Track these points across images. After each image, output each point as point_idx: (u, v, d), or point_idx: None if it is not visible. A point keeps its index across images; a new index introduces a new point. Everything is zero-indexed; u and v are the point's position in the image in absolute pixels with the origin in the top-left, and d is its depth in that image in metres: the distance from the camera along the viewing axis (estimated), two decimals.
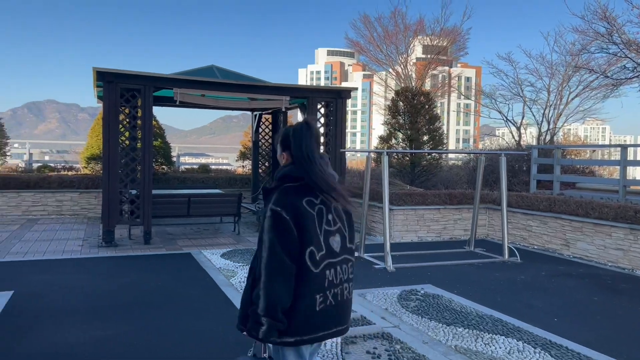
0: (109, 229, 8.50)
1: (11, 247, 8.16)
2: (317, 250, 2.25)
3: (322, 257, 2.26)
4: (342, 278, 2.33)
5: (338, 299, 2.31)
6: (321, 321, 2.28)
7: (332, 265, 2.30)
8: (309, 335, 2.26)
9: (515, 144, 15.76)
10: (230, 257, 7.71)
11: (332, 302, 2.29)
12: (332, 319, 2.31)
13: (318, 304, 2.25)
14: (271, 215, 2.23)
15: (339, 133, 9.84)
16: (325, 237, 2.29)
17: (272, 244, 2.22)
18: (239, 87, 9.23)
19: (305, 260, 2.23)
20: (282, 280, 2.20)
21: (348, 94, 9.94)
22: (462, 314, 5.30)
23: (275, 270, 2.20)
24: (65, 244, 8.58)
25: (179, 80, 8.83)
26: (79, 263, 7.20)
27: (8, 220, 11.35)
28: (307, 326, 2.26)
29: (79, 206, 12.54)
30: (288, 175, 2.33)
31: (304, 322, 2.25)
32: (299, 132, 2.34)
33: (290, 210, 2.22)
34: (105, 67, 8.25)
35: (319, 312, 2.26)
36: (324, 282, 2.27)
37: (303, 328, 2.25)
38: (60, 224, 10.89)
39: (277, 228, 2.22)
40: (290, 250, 2.21)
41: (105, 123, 8.44)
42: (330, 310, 2.29)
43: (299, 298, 2.24)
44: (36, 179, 12.22)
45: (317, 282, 2.25)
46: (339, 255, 2.33)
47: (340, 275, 2.32)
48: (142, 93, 8.56)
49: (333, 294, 2.29)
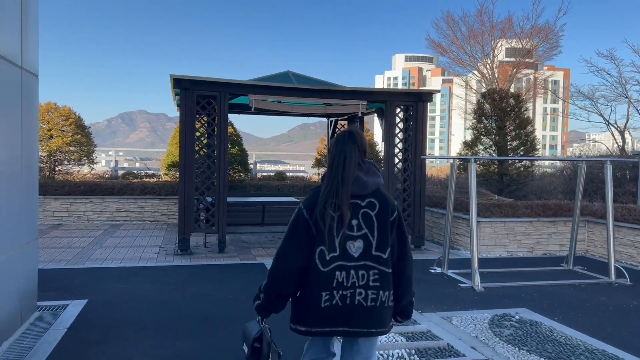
0: (184, 236, 8.45)
1: (92, 253, 8.31)
2: (328, 251, 2.37)
3: (333, 258, 2.38)
4: (356, 283, 2.38)
5: (347, 302, 2.37)
6: (326, 317, 2.39)
7: (344, 268, 2.38)
8: (317, 328, 2.41)
9: (618, 149, 14.24)
10: None
11: (339, 302, 2.37)
12: (338, 318, 2.38)
13: (323, 301, 2.36)
14: (296, 212, 2.46)
15: (419, 139, 9.23)
16: (342, 240, 2.39)
17: (287, 235, 2.45)
18: (315, 93, 8.91)
19: (314, 258, 2.38)
20: (286, 268, 2.42)
21: (429, 96, 9.32)
22: (567, 347, 4.55)
23: (282, 259, 2.43)
24: (142, 250, 8.63)
25: (254, 86, 8.65)
26: (152, 271, 7.14)
27: (93, 225, 11.76)
28: (313, 319, 2.41)
29: (160, 212, 12.80)
30: (323, 178, 2.51)
31: (310, 315, 2.41)
32: (340, 139, 2.49)
33: (311, 211, 2.41)
34: (182, 74, 8.22)
35: (324, 308, 2.37)
36: (332, 282, 2.36)
37: (310, 320, 2.42)
38: (140, 230, 11.10)
39: (295, 223, 2.43)
40: (302, 244, 2.39)
41: (182, 130, 8.41)
42: (337, 309, 2.37)
43: (305, 290, 2.42)
44: (120, 186, 12.62)
45: (324, 281, 2.36)
46: (357, 260, 2.40)
47: (353, 279, 2.38)
48: (217, 100, 8.47)
49: (341, 296, 2.37)
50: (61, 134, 12.71)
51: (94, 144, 13.57)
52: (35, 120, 5.02)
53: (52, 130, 12.69)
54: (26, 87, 4.71)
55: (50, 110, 12.86)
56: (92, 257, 7.92)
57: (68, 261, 7.60)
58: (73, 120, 13.00)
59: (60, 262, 7.54)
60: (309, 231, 2.40)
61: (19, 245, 4.60)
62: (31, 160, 4.92)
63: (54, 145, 12.50)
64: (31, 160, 4.92)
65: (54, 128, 12.71)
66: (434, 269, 7.50)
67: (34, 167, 5.04)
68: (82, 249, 8.59)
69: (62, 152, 12.82)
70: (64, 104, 13.48)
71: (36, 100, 5.05)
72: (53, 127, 12.71)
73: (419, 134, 9.22)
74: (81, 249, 8.59)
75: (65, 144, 12.64)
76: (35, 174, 5.06)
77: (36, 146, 5.05)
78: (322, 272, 2.36)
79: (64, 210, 12.17)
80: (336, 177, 2.41)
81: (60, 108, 13.06)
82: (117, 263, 7.59)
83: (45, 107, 12.87)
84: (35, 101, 5.03)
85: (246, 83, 8.62)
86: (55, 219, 12.07)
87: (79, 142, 12.96)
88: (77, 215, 12.23)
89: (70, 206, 12.22)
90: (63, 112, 12.96)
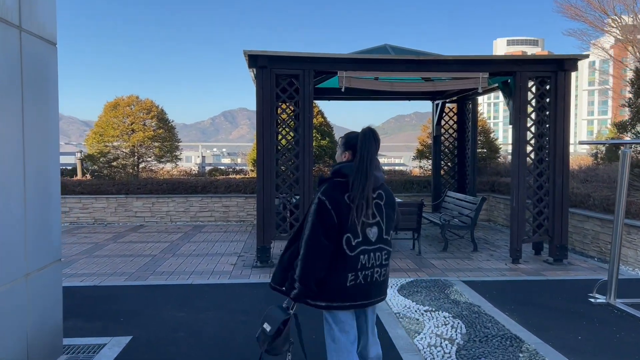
0: (263, 245, 7.06)
1: (161, 263, 7.19)
2: (353, 238, 2.65)
3: (357, 243, 2.67)
4: (374, 263, 2.73)
5: (368, 280, 2.72)
6: (350, 294, 2.69)
7: (366, 251, 2.70)
8: (338, 302, 2.70)
9: None
10: (412, 294, 5.62)
11: (362, 281, 2.70)
12: (360, 294, 2.72)
13: (349, 281, 2.67)
14: (317, 202, 2.66)
15: (560, 120, 7.07)
16: (363, 227, 2.68)
17: (313, 225, 2.63)
18: (423, 65, 7.09)
19: (342, 244, 2.65)
20: (317, 256, 2.62)
21: (573, 64, 7.08)
22: None
23: (313, 248, 2.62)
24: (217, 261, 7.38)
25: (345, 61, 7.02)
26: (223, 291, 5.79)
27: (175, 227, 10.85)
28: (337, 296, 2.69)
29: (245, 212, 11.66)
30: (340, 171, 2.75)
31: (335, 293, 2.69)
32: (366, 136, 2.73)
33: (332, 202, 2.64)
34: (257, 50, 6.81)
35: (349, 287, 2.68)
36: (357, 265, 2.67)
37: (333, 297, 2.69)
38: (222, 233, 9.97)
39: (320, 214, 2.63)
40: (328, 233, 2.62)
41: (258, 118, 7.01)
42: (360, 287, 2.70)
43: (334, 273, 2.66)
44: (204, 183, 11.64)
45: (350, 263, 2.66)
46: (375, 244, 2.73)
47: (372, 260, 2.72)
48: (300, 80, 6.96)
49: (364, 275, 2.70)
50: (143, 129, 11.95)
51: (177, 138, 12.71)
52: (51, 106, 3.75)
53: (134, 124, 11.97)
54: (30, 58, 3.44)
55: (132, 104, 12.15)
56: (158, 270, 6.77)
57: (130, 275, 6.50)
58: (155, 114, 12.21)
59: (121, 276, 6.46)
60: (332, 220, 2.62)
61: (23, 273, 3.36)
62: (45, 160, 3.67)
63: (135, 140, 11.76)
64: (45, 161, 3.67)
65: (136, 122, 11.98)
66: (593, 297, 5.43)
67: (52, 170, 3.79)
68: (151, 258, 7.52)
69: (144, 148, 12.07)
70: (161, 104, 12.72)
71: (52, 77, 3.78)
72: (134, 121, 11.99)
73: (560, 115, 7.06)
74: (151, 258, 7.52)
75: (147, 139, 11.86)
76: (53, 179, 3.80)
77: (54, 141, 3.79)
78: (350, 256, 2.66)
79: (146, 210, 11.41)
80: (363, 173, 2.67)
81: (142, 101, 12.32)
82: (184, 279, 6.35)
83: (127, 100, 12.19)
84: (51, 79, 3.76)
85: (336, 56, 7.02)
86: (137, 219, 11.33)
87: (161, 137, 12.15)
88: (160, 216, 11.42)
89: (152, 206, 11.43)
90: (145, 105, 12.21)
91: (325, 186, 2.70)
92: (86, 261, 7.33)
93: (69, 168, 13.19)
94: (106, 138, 11.88)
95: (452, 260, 7.40)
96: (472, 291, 5.77)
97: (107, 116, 12.04)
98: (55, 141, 3.85)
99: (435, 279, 6.30)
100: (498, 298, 5.48)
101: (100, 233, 9.91)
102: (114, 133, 11.83)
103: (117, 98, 12.32)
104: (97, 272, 6.68)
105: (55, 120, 3.84)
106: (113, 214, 11.35)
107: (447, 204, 9.62)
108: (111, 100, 12.34)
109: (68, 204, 11.24)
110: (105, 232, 10.08)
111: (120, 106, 12.07)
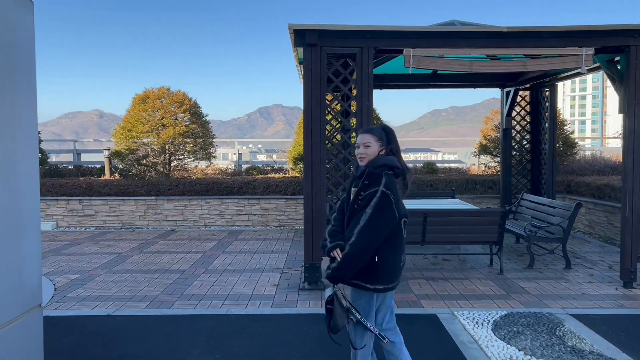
0: (312, 262, 5.80)
1: (190, 282, 6.03)
2: (407, 220, 2.89)
3: (405, 226, 2.89)
4: None
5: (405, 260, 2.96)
6: (398, 275, 2.85)
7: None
8: (391, 284, 2.82)
9: None
10: (514, 337, 4.23)
11: (405, 261, 2.92)
12: (400, 274, 2.89)
13: (402, 262, 2.87)
14: (381, 196, 2.72)
15: None
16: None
17: (378, 215, 2.70)
18: (509, 38, 5.67)
19: (401, 227, 2.82)
20: (374, 244, 2.70)
21: None
22: None
23: (376, 237, 2.70)
24: (257, 279, 6.17)
25: (413, 34, 5.66)
26: (265, 328, 4.55)
27: (209, 232, 9.73)
28: (395, 277, 2.83)
29: (286, 215, 10.45)
30: (389, 164, 2.84)
31: (393, 275, 2.81)
32: (394, 133, 2.99)
33: (394, 194, 2.76)
34: (305, 23, 5.54)
35: (400, 268, 2.86)
36: (404, 245, 2.89)
37: (392, 278, 2.81)
38: (261, 241, 8.78)
39: (384, 207, 2.71)
40: (389, 225, 2.74)
41: (307, 108, 5.75)
42: (402, 267, 2.89)
43: (395, 255, 2.81)
44: (240, 183, 10.49)
45: (404, 245, 2.88)
46: None
47: None
48: (357, 60, 5.65)
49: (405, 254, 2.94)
50: (173, 123, 10.87)
51: (212, 134, 11.58)
52: (21, 88, 2.56)
53: (164, 118, 10.90)
54: None
55: (163, 96, 11.08)
56: (186, 293, 5.60)
57: (152, 300, 5.34)
58: (187, 107, 11.11)
59: (142, 301, 5.31)
60: (394, 211, 2.74)
61: None
62: (11, 174, 2.49)
63: (166, 136, 10.69)
64: (11, 175, 2.49)
65: (166, 117, 10.91)
66: None
67: (26, 189, 2.60)
68: (180, 275, 6.37)
69: (175, 145, 10.99)
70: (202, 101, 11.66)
71: (25, 45, 2.59)
72: (165, 115, 10.92)
73: None
74: (179, 275, 6.37)
75: (179, 135, 10.78)
76: (28, 201, 2.61)
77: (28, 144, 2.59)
78: (403, 238, 2.86)
79: (177, 214, 10.34)
80: (403, 166, 2.91)
81: (173, 93, 11.24)
82: (217, 306, 5.14)
83: (157, 93, 11.13)
84: (21, 47, 2.57)
85: (403, 29, 5.65)
86: (168, 224, 10.28)
87: (194, 132, 11.04)
88: (193, 220, 10.34)
89: (184, 208, 10.36)
90: (176, 98, 11.12)
91: (385, 179, 2.78)
92: (104, 278, 6.25)
93: (98, 167, 12.30)
94: (135, 134, 10.86)
95: (544, 282, 5.97)
96: (591, 332, 4.35)
97: (136, 110, 11.02)
98: (31, 143, 2.67)
99: (534, 311, 4.90)
100: (628, 343, 4.07)
101: (125, 240, 8.87)
102: (143, 129, 10.79)
103: (147, 90, 11.29)
104: (114, 294, 5.56)
105: (30, 109, 2.66)
106: (142, 218, 10.33)
107: (523, 209, 8.15)
108: (140, 93, 11.33)
109: (94, 207, 10.29)
110: (132, 238, 9.05)
111: (150, 99, 11.01)
